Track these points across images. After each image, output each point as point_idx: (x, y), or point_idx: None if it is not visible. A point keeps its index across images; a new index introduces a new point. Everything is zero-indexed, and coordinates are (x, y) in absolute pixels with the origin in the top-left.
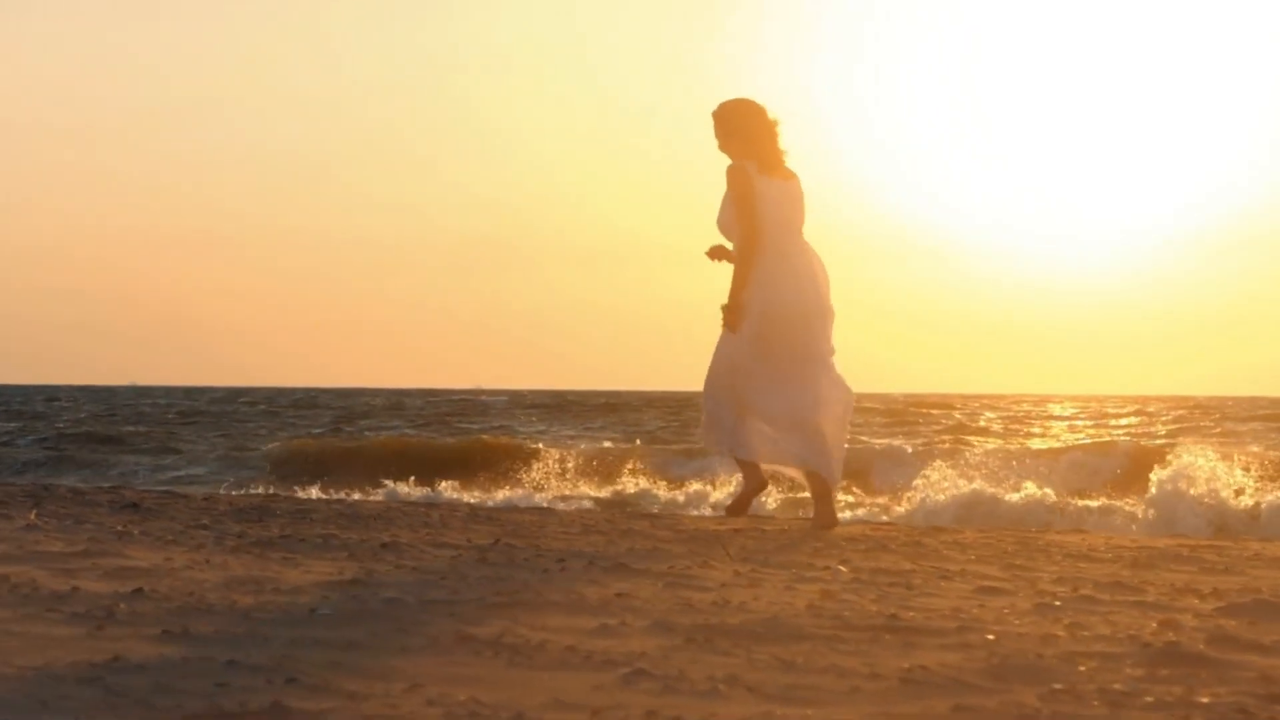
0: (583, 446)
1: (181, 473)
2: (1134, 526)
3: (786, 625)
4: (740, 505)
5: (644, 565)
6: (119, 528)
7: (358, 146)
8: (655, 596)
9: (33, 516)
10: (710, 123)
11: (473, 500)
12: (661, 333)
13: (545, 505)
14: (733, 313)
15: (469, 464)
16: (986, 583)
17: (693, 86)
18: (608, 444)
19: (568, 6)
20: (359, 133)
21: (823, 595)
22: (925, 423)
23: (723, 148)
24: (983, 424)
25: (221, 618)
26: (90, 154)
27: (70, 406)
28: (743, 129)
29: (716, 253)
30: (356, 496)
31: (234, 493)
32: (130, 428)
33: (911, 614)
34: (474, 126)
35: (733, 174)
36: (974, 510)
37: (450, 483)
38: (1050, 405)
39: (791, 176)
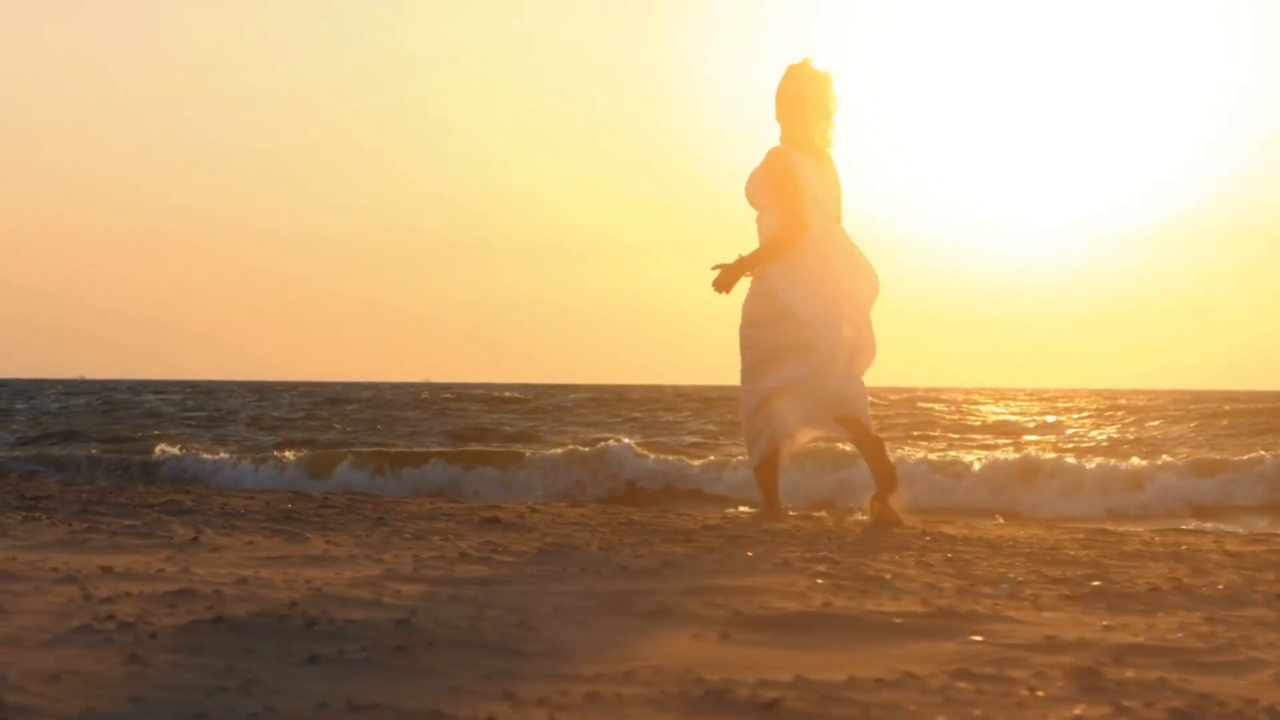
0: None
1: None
2: None
3: None
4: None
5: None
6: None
7: (310, 143)
8: None
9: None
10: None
11: None
12: (612, 327)
13: None
14: (731, 274)
15: None
16: None
17: (643, 83)
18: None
19: (519, 3)
20: (311, 130)
21: None
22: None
23: (777, 117)
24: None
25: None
26: (40, 151)
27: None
28: (799, 104)
29: (725, 280)
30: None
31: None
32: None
33: None
34: (427, 123)
35: (773, 162)
36: None
37: None
38: (1008, 400)
39: (831, 162)
